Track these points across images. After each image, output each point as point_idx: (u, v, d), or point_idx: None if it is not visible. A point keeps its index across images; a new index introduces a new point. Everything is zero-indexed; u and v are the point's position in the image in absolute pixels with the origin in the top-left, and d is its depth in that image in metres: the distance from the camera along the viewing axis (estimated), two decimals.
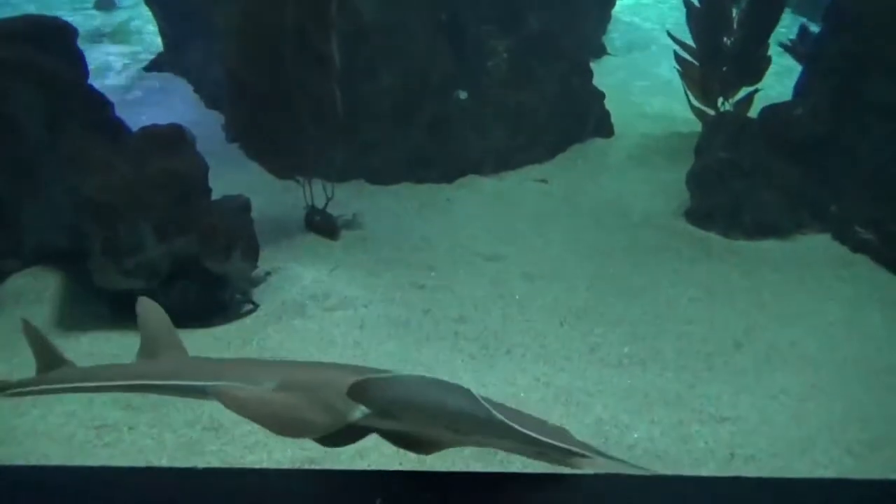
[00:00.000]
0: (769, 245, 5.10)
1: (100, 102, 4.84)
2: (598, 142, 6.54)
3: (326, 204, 5.07)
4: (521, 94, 6.21)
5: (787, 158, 5.43)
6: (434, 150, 5.85)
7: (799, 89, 5.87)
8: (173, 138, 4.39)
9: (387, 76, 5.67)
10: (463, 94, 6.13)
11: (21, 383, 3.25)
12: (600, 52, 8.50)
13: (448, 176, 5.86)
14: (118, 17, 8.36)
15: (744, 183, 5.30)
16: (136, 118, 5.39)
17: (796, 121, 5.56)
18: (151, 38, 7.64)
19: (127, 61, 7.64)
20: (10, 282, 4.31)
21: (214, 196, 4.39)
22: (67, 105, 4.61)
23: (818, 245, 5.14)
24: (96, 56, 7.39)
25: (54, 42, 4.62)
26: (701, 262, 4.93)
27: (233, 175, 5.27)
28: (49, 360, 3.33)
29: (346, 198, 5.26)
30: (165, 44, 7.25)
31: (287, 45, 4.85)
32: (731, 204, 5.29)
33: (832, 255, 5.06)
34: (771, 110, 5.71)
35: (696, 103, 6.64)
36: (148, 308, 3.49)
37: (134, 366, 3.31)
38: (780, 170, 5.38)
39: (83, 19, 7.71)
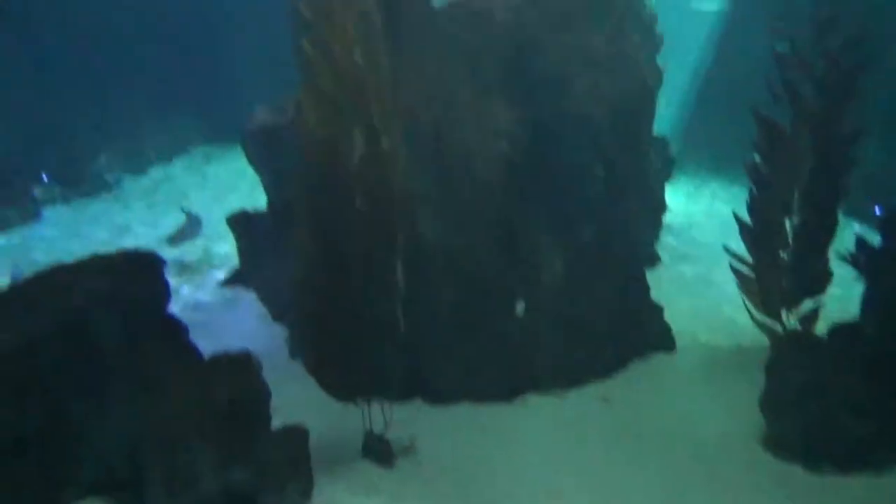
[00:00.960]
0: (862, 481, 4.65)
1: (176, 329, 5.13)
2: (660, 356, 6.40)
3: (385, 429, 4.99)
4: (577, 308, 6.23)
5: (868, 381, 5.14)
6: (492, 369, 5.81)
7: (866, 305, 5.72)
8: (240, 365, 4.54)
9: (447, 295, 5.83)
10: (520, 308, 6.19)
11: None
12: (654, 260, 8.59)
13: (507, 395, 5.75)
14: (199, 246, 9.20)
15: (824, 409, 4.98)
16: (207, 329, 5.61)
17: (868, 340, 5.36)
18: (227, 260, 8.32)
19: (205, 280, 8.24)
20: None
21: (274, 416, 4.39)
22: (146, 331, 4.90)
23: None
24: (179, 281, 8.03)
25: (144, 273, 5.04)
26: (784, 501, 4.51)
27: (293, 393, 5.31)
28: None
29: (404, 419, 5.18)
30: (241, 261, 7.84)
31: (353, 267, 5.09)
32: (812, 433, 4.95)
33: None
34: (840, 329, 5.53)
35: (757, 315, 6.52)
36: None
37: None
38: (864, 394, 5.06)
39: (174, 252, 8.65)
